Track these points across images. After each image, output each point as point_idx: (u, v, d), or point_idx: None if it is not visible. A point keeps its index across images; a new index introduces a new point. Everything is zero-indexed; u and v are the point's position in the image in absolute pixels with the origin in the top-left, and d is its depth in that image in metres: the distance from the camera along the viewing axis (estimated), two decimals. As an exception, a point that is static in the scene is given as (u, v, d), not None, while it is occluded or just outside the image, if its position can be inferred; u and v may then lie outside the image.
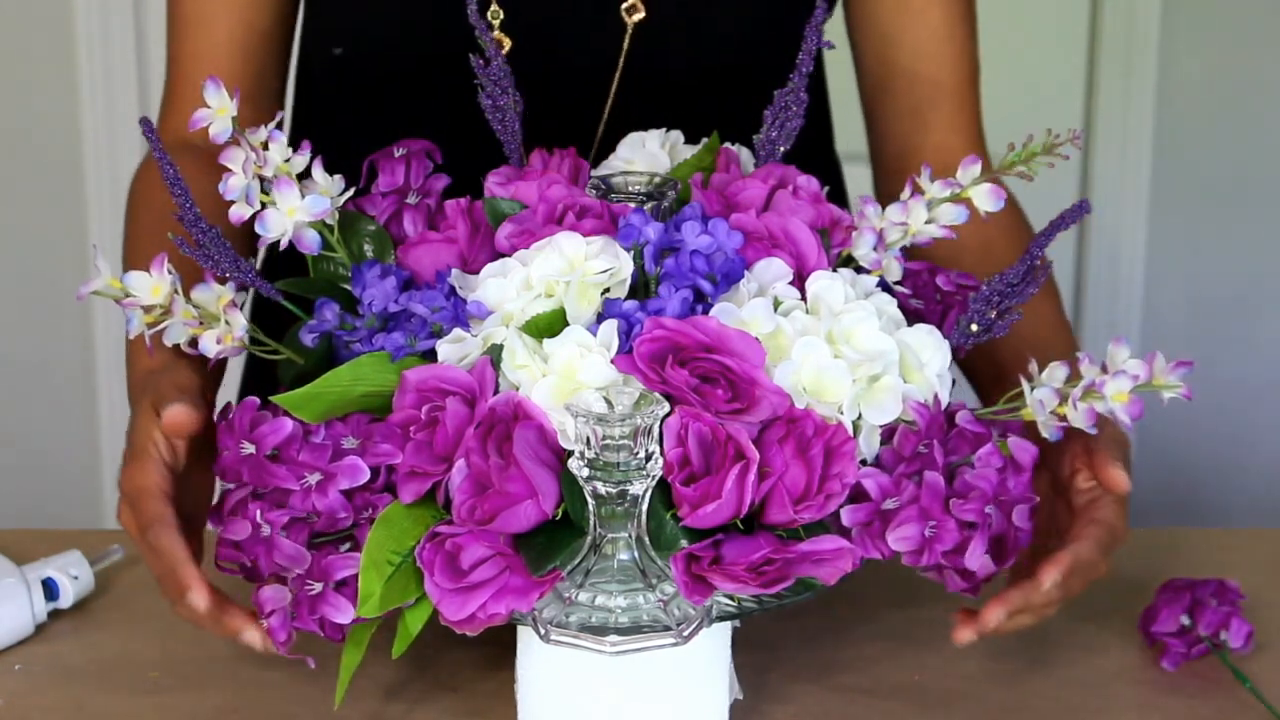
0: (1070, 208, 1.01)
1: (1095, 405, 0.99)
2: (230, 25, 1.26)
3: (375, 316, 0.99)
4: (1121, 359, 0.99)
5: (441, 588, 0.91)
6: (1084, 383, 0.99)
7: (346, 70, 1.31)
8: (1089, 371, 1.00)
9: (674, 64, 1.26)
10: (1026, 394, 1.00)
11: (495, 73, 1.09)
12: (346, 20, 1.28)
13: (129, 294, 0.99)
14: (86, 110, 2.50)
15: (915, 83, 1.28)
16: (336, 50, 1.30)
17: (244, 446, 0.96)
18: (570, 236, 0.97)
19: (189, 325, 0.99)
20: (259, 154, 1.00)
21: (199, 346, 1.00)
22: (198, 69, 1.24)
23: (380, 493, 0.96)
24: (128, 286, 0.99)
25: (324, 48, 1.31)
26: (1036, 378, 1.01)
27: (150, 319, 0.99)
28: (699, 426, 0.91)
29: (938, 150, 1.26)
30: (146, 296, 0.99)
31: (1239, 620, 1.13)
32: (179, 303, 0.99)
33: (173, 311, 0.99)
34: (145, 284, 0.99)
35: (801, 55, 1.08)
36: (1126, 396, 0.99)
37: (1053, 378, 1.00)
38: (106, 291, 0.99)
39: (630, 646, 0.89)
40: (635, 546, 0.90)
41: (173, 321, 0.99)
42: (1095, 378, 0.99)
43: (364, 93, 1.31)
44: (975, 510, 0.95)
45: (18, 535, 1.27)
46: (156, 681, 1.11)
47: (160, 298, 0.99)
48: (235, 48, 1.26)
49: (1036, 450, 1.00)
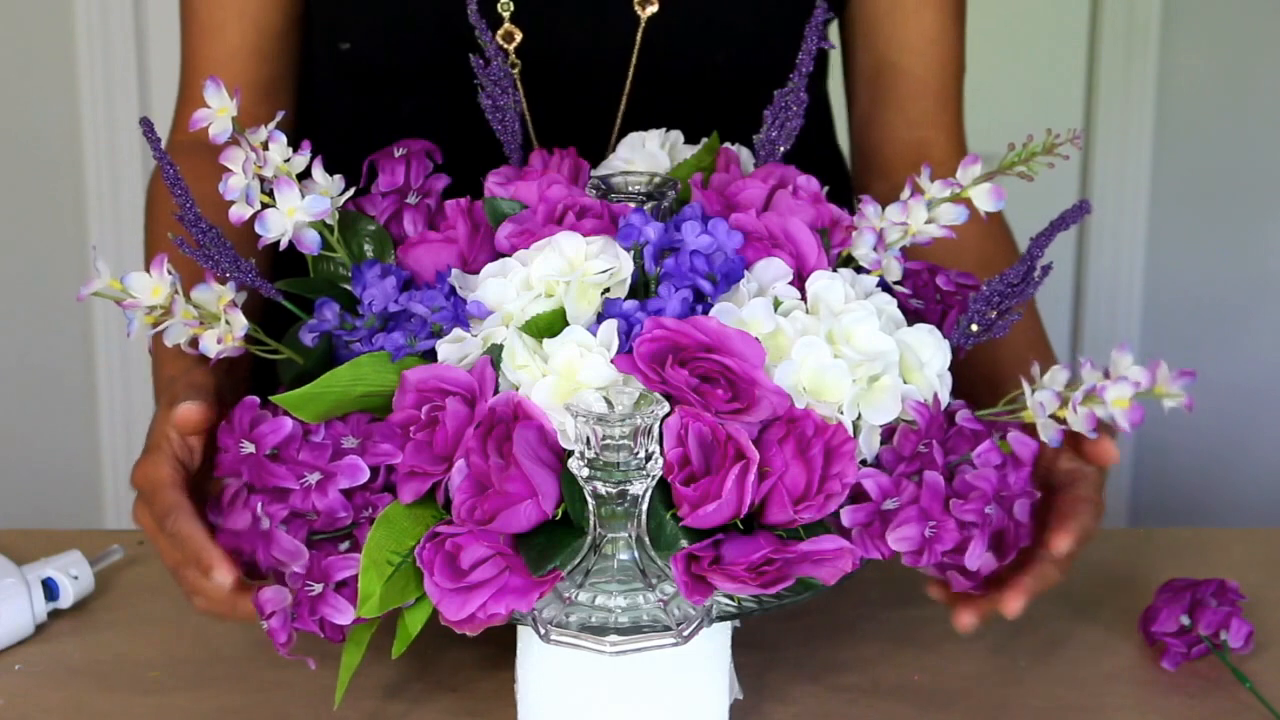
0: (1070, 208, 1.01)
1: (1096, 410, 0.99)
2: (244, 28, 1.27)
3: (375, 316, 0.99)
4: (1125, 365, 1.00)
5: (441, 588, 0.91)
6: (1085, 387, 0.99)
7: (353, 65, 1.31)
8: (1090, 376, 1.00)
9: (688, 57, 1.26)
10: (1027, 396, 1.00)
11: (495, 73, 1.09)
12: (354, 15, 1.29)
13: (129, 295, 0.99)
14: (86, 110, 2.50)
15: (900, 78, 1.30)
16: (344, 45, 1.30)
17: (244, 446, 0.96)
18: (570, 236, 0.97)
19: (189, 325, 0.99)
20: (259, 154, 1.00)
21: (199, 346, 1.00)
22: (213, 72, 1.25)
23: (380, 493, 0.96)
24: (128, 288, 0.99)
25: (331, 43, 1.31)
26: (1037, 380, 1.01)
27: (150, 320, 0.99)
28: (699, 426, 0.91)
29: (921, 145, 1.29)
30: (147, 298, 0.99)
31: (1239, 620, 1.13)
32: (179, 303, 0.99)
33: (173, 312, 0.99)
34: (145, 285, 0.99)
35: (801, 55, 1.08)
36: (1127, 403, 0.99)
37: (1054, 381, 1.00)
38: (107, 293, 0.99)
39: (630, 646, 0.89)
40: (635, 546, 0.90)
41: (173, 322, 0.99)
42: (1096, 382, 0.99)
43: (370, 87, 1.31)
44: (975, 510, 0.95)
45: (18, 535, 1.27)
46: (156, 681, 1.11)
47: (160, 298, 0.99)
48: (249, 50, 1.28)
49: (1037, 445, 1.00)
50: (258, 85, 1.27)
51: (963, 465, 0.97)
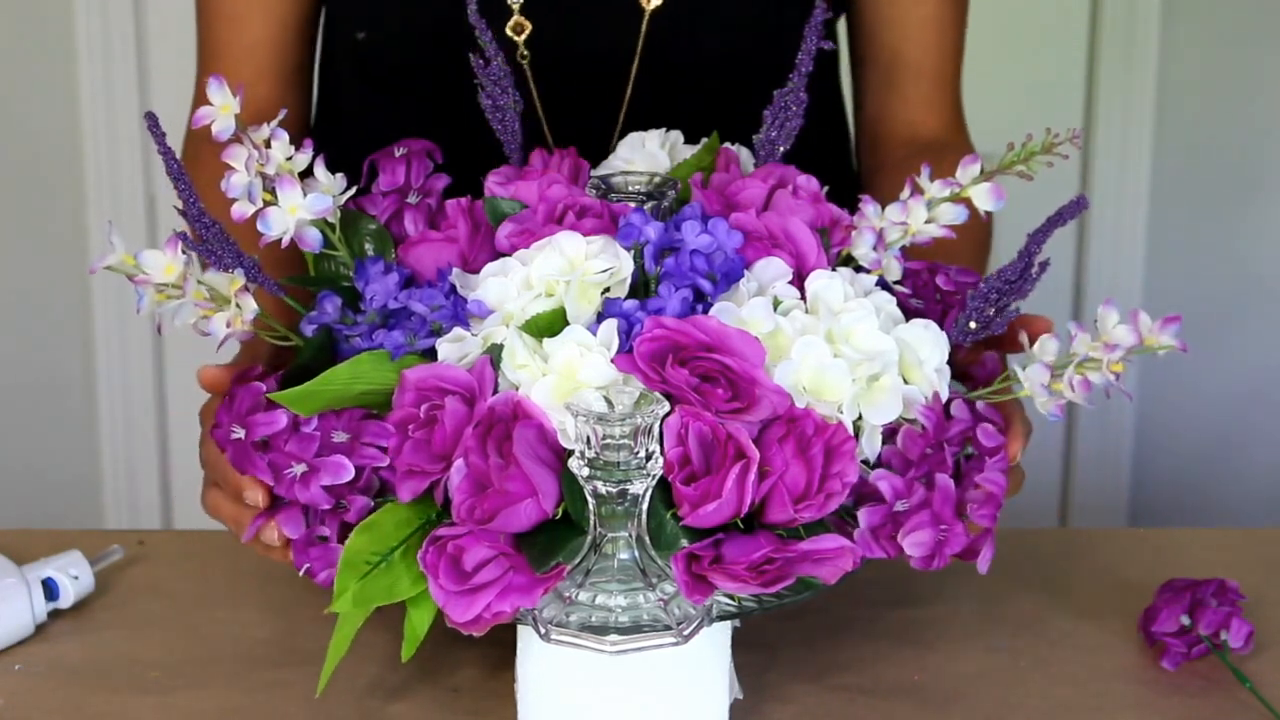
0: (1067, 203, 1.01)
1: (1090, 376, 0.98)
2: (267, 20, 1.30)
3: (376, 312, 0.99)
4: (1110, 324, 0.99)
5: (447, 590, 0.91)
6: (1079, 357, 0.98)
7: (369, 55, 1.32)
8: (1081, 344, 0.99)
9: (693, 50, 1.27)
10: (1019, 374, 0.99)
11: (495, 72, 1.09)
12: (370, 6, 1.30)
13: (141, 271, 0.98)
14: (86, 110, 2.50)
15: (899, 62, 1.33)
16: (359, 35, 1.31)
17: (234, 430, 0.97)
18: (570, 236, 0.98)
19: (200, 306, 0.99)
20: (261, 151, 0.99)
21: (209, 329, 0.99)
22: (231, 65, 1.28)
23: (359, 492, 0.97)
24: (140, 264, 0.98)
25: (347, 33, 1.33)
26: (1029, 352, 1.00)
27: (161, 297, 0.98)
28: (699, 426, 0.91)
29: (914, 124, 1.33)
30: (159, 275, 0.98)
31: (1239, 620, 1.13)
32: (191, 283, 0.98)
33: (185, 291, 0.98)
34: (159, 262, 0.98)
35: (801, 55, 1.08)
36: (1122, 366, 0.98)
37: (1044, 352, 1.00)
38: (120, 267, 0.97)
39: (630, 646, 0.89)
40: (635, 546, 0.90)
41: (183, 301, 0.98)
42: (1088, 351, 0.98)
43: (384, 79, 1.32)
44: (989, 515, 0.95)
45: (18, 535, 1.27)
46: (156, 681, 1.11)
47: (172, 277, 0.98)
48: (270, 42, 1.30)
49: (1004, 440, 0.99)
50: (280, 76, 1.30)
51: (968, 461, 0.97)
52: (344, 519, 0.97)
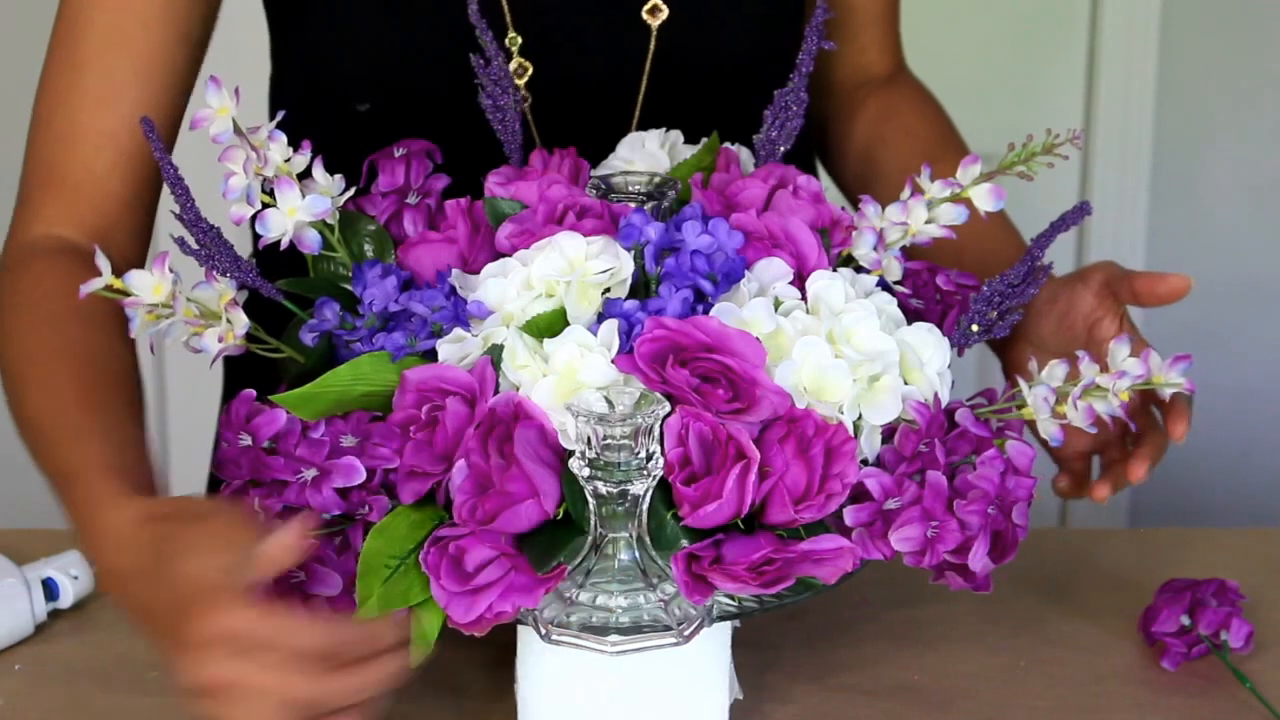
0: (1071, 210, 1.01)
1: (1096, 405, 0.99)
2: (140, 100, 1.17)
3: (375, 316, 0.99)
4: (1121, 357, 1.00)
5: (449, 591, 0.91)
6: (1084, 382, 0.99)
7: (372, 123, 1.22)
8: (1089, 370, 1.00)
9: (701, 61, 1.25)
10: (1026, 392, 1.00)
11: (495, 72, 1.09)
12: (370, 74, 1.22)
13: (130, 293, 0.98)
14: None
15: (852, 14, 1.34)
16: (362, 107, 1.22)
17: (241, 438, 0.97)
18: (571, 236, 0.97)
19: (190, 324, 0.99)
20: (259, 154, 0.99)
21: (201, 345, 0.99)
22: (67, 172, 1.18)
23: (376, 493, 0.96)
24: (128, 286, 0.98)
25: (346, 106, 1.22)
26: (1036, 376, 1.01)
27: (151, 318, 0.99)
28: (700, 426, 0.91)
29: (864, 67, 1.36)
30: (148, 295, 0.98)
31: (1239, 620, 1.13)
32: (181, 301, 0.99)
33: (175, 310, 0.99)
34: (147, 283, 0.98)
35: (801, 55, 1.08)
36: (1128, 395, 1.00)
37: (1051, 377, 1.01)
38: (107, 292, 0.99)
39: (631, 646, 0.89)
40: (636, 546, 0.90)
41: (174, 320, 0.99)
42: (1094, 377, 0.99)
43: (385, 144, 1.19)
44: (978, 511, 0.95)
45: (18, 535, 1.27)
46: (156, 681, 1.11)
47: (161, 296, 0.98)
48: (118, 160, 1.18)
49: (1034, 452, 1.00)
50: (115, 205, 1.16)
51: (964, 466, 0.97)
52: (368, 520, 0.96)
